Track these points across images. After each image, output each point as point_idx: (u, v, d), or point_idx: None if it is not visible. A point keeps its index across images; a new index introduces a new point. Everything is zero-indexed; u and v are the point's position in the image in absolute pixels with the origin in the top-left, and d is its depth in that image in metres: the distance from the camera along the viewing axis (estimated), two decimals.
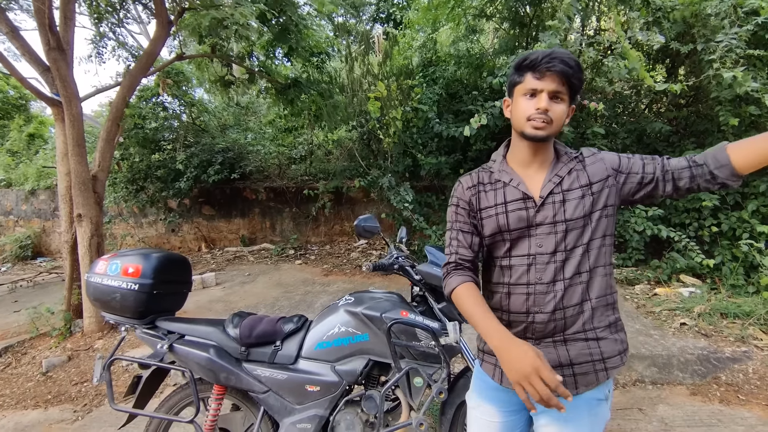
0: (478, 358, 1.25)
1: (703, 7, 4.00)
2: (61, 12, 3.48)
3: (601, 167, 1.10)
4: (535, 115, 1.03)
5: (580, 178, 1.09)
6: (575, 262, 1.07)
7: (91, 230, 3.66)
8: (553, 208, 1.08)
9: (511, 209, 1.11)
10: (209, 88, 8.76)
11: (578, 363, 1.07)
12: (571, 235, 1.07)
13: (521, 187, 1.11)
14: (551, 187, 1.09)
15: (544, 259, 1.07)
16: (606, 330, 1.08)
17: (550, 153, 1.14)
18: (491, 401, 1.19)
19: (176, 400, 1.89)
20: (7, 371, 3.37)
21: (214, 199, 7.89)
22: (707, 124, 4.85)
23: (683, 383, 2.75)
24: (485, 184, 1.18)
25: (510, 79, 1.11)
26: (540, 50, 1.04)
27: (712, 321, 3.32)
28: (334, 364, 1.77)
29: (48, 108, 12.63)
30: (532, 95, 1.05)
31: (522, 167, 1.15)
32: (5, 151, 10.51)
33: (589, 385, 1.07)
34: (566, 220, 1.07)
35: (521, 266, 1.10)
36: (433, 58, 6.11)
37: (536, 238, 1.09)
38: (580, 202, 1.07)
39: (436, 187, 6.21)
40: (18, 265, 8.34)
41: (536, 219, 1.09)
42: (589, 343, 1.07)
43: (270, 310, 4.30)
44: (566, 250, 1.07)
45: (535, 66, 1.03)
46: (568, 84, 1.03)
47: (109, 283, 1.81)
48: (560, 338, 1.08)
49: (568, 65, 1.01)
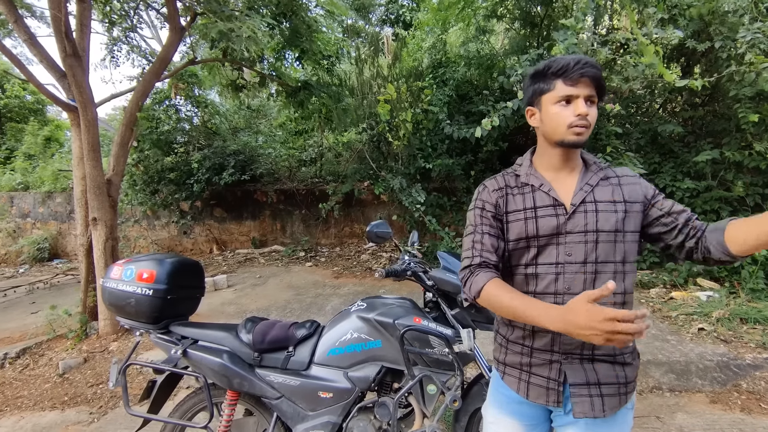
0: (498, 370, 1.21)
1: (721, 4, 3.90)
2: (77, 19, 3.54)
3: (637, 190, 1.08)
4: (576, 122, 1.02)
5: (614, 193, 1.08)
6: (608, 279, 1.03)
7: (105, 233, 3.71)
8: (584, 217, 1.05)
9: (540, 215, 1.08)
10: (221, 91, 8.87)
11: (606, 383, 1.04)
12: (602, 248, 1.04)
13: (552, 193, 1.08)
14: (583, 195, 1.07)
15: (573, 269, 1.05)
16: (630, 356, 1.07)
17: (578, 159, 1.13)
18: (513, 415, 1.15)
19: (190, 405, 1.90)
20: (25, 372, 3.43)
21: (226, 202, 7.96)
22: (725, 124, 4.74)
23: (702, 391, 2.68)
24: (512, 188, 1.15)
25: (534, 88, 1.09)
26: (565, 57, 1.03)
27: (731, 326, 3.24)
28: (347, 370, 1.76)
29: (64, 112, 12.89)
30: (568, 102, 1.03)
31: (551, 172, 1.13)
32: (22, 154, 10.75)
33: (614, 408, 1.04)
34: (597, 231, 1.04)
35: (549, 275, 1.06)
36: (443, 59, 6.08)
37: (565, 246, 1.06)
38: (612, 216, 1.05)
39: (447, 189, 6.18)
40: (35, 266, 8.52)
41: (566, 227, 1.06)
42: (615, 367, 1.05)
43: (281, 313, 4.32)
44: (597, 262, 1.04)
45: (567, 73, 1.02)
46: (598, 87, 1.03)
47: (124, 288, 1.82)
48: (588, 356, 1.05)
49: (597, 69, 1.01)
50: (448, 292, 1.78)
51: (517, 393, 1.13)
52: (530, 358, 1.11)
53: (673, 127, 4.64)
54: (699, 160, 4.37)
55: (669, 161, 4.91)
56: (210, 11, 3.50)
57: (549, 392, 1.07)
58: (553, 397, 1.07)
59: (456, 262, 1.84)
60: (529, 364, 1.11)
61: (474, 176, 6.01)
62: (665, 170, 4.79)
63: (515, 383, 1.14)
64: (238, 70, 5.72)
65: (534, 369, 1.10)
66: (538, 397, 1.09)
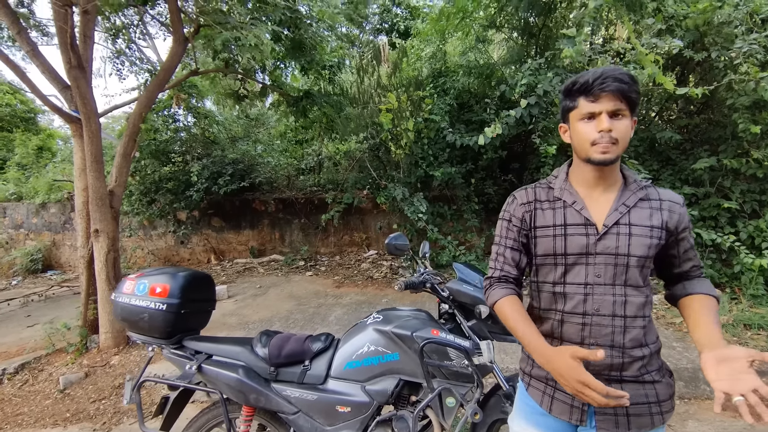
0: (524, 381, 1.21)
1: (718, 15, 3.99)
2: (80, 31, 3.53)
3: (675, 219, 1.06)
4: (599, 139, 0.99)
5: (653, 217, 1.05)
6: (639, 303, 1.03)
7: (107, 245, 3.67)
8: (616, 240, 1.03)
9: (570, 233, 1.07)
10: (218, 99, 8.86)
11: (633, 404, 1.02)
12: (632, 272, 1.03)
13: (584, 212, 1.06)
14: (617, 216, 1.04)
15: (601, 290, 1.04)
16: (658, 373, 1.06)
17: (616, 175, 1.09)
18: (539, 426, 1.15)
19: (203, 421, 1.87)
20: (24, 389, 3.36)
21: (224, 211, 7.92)
22: (720, 132, 4.83)
23: (711, 398, 2.69)
24: (542, 202, 1.13)
25: (562, 105, 1.09)
26: (588, 72, 1.01)
27: (735, 332, 3.27)
28: (364, 384, 1.74)
29: (56, 120, 12.64)
30: (590, 118, 1.01)
31: (586, 189, 1.10)
32: (15, 164, 10.62)
33: (642, 428, 1.03)
34: (629, 255, 1.02)
35: (577, 295, 1.06)
36: (443, 68, 6.14)
37: (594, 267, 1.04)
38: (646, 241, 1.02)
39: (447, 197, 6.20)
40: (28, 278, 8.37)
41: (596, 248, 1.04)
42: (645, 386, 1.04)
43: (284, 324, 4.28)
44: (626, 285, 1.03)
45: (587, 89, 1.00)
46: (626, 99, 0.99)
47: (138, 303, 1.80)
48: (617, 377, 1.04)
49: (621, 81, 0.97)
50: (465, 303, 1.78)
51: (540, 406, 1.13)
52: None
53: (671, 134, 4.71)
54: (697, 168, 4.44)
55: (667, 168, 4.98)
56: (215, 22, 3.51)
57: (573, 410, 1.07)
58: (577, 415, 1.07)
59: (472, 274, 1.84)
60: (555, 380, 1.09)
61: (474, 184, 6.04)
62: (664, 177, 4.85)
63: (539, 396, 1.14)
64: (240, 80, 5.72)
65: (559, 385, 1.09)
66: (562, 413, 1.09)
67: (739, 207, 4.29)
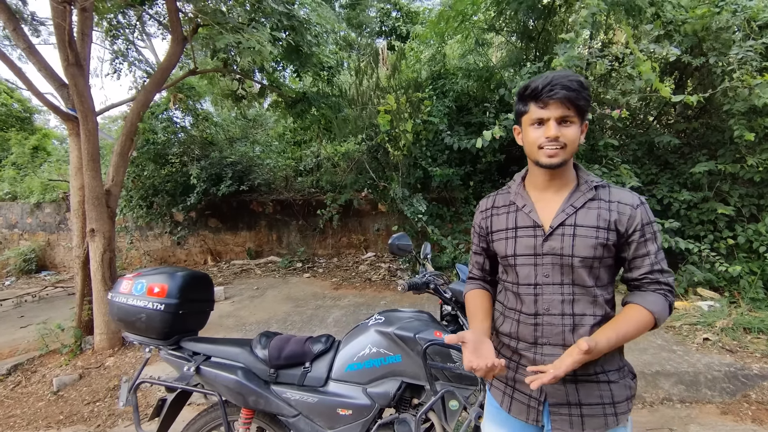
0: (486, 381, 1.26)
1: (716, 21, 4.02)
2: (78, 29, 3.49)
3: (624, 220, 1.05)
4: (546, 143, 1.02)
5: (600, 217, 1.05)
6: (586, 301, 1.05)
7: (103, 245, 3.62)
8: (561, 240, 1.05)
9: (520, 235, 1.11)
10: (216, 100, 8.82)
11: (587, 404, 1.04)
12: (578, 272, 1.04)
13: (532, 215, 1.10)
14: (563, 218, 1.06)
15: (550, 290, 1.06)
16: (616, 374, 1.06)
17: (568, 177, 1.11)
18: (504, 427, 1.17)
19: (201, 423, 1.84)
20: (17, 390, 3.30)
21: (221, 212, 7.87)
22: (718, 136, 4.85)
23: (712, 402, 2.68)
24: (499, 207, 1.19)
25: (516, 109, 1.11)
26: (540, 77, 1.03)
27: (735, 336, 3.26)
28: (366, 386, 1.72)
29: (52, 120, 12.55)
30: (540, 123, 1.04)
31: (538, 191, 1.13)
32: (10, 164, 10.52)
33: (596, 429, 1.03)
34: (573, 255, 1.04)
35: (529, 295, 1.09)
36: (442, 71, 6.14)
37: (542, 267, 1.07)
38: (590, 241, 1.03)
39: (446, 199, 6.18)
40: (22, 278, 8.28)
41: (543, 248, 1.07)
42: (600, 386, 1.04)
43: (282, 326, 4.24)
44: (573, 285, 1.05)
45: (536, 95, 1.02)
46: (574, 106, 1.01)
47: (135, 303, 1.77)
48: (571, 377, 1.03)
49: (569, 89, 0.99)
50: None
51: (501, 406, 1.17)
52: (515, 373, 1.14)
53: (669, 138, 4.73)
54: (695, 172, 4.45)
55: (666, 172, 4.99)
56: (214, 22, 3.49)
57: (529, 410, 1.10)
58: (533, 415, 1.09)
59: None
60: (514, 379, 1.14)
61: (473, 187, 6.04)
62: (662, 181, 4.87)
63: (500, 396, 1.18)
64: (239, 80, 5.70)
65: (518, 385, 1.13)
66: (519, 413, 1.12)
67: (735, 212, 4.30)
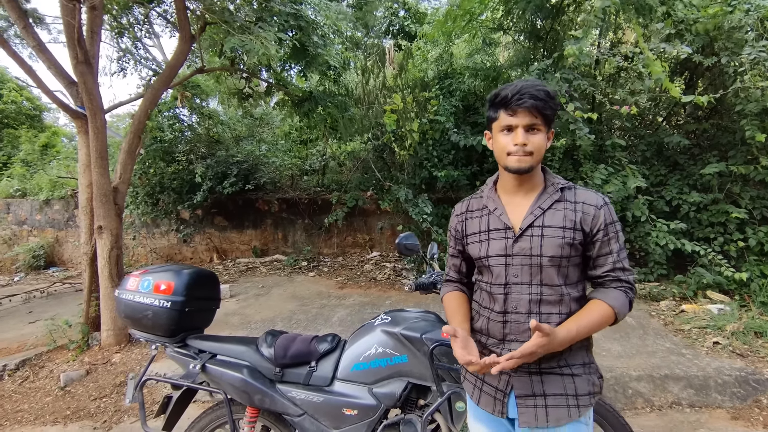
0: (462, 375, 1.29)
1: (728, 20, 3.96)
2: (87, 27, 3.52)
3: (588, 220, 1.10)
4: (514, 150, 1.07)
5: (566, 218, 1.10)
6: (553, 300, 1.09)
7: (111, 242, 3.64)
8: (530, 241, 1.09)
9: (492, 237, 1.15)
10: (223, 99, 8.84)
11: (551, 395, 1.08)
12: (547, 272, 1.09)
13: (503, 218, 1.15)
14: (531, 219, 1.11)
15: (518, 290, 1.11)
16: (580, 368, 1.11)
17: (536, 181, 1.16)
18: (481, 421, 1.21)
19: (207, 421, 1.84)
20: (25, 385, 3.33)
21: (227, 210, 7.90)
22: (729, 137, 4.78)
23: (722, 406, 2.64)
24: (473, 211, 1.24)
25: (487, 115, 1.15)
26: (509, 86, 1.06)
27: (746, 340, 3.21)
28: (372, 386, 1.71)
29: (61, 117, 12.70)
30: (509, 130, 1.08)
31: (508, 195, 1.18)
32: (20, 161, 10.65)
33: (560, 420, 1.06)
34: (541, 255, 1.08)
35: (500, 294, 1.13)
36: (449, 70, 6.12)
37: (512, 267, 1.11)
38: (557, 241, 1.08)
39: (451, 199, 6.16)
40: (31, 274, 8.37)
41: (513, 249, 1.11)
42: (564, 378, 1.09)
43: (287, 324, 4.24)
44: (541, 284, 1.09)
45: (506, 103, 1.06)
46: (541, 115, 1.05)
47: (141, 300, 1.77)
48: (536, 369, 1.09)
49: (537, 98, 1.03)
50: None
51: (471, 398, 1.22)
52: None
53: (679, 139, 4.67)
54: (705, 173, 4.39)
55: (675, 173, 4.93)
56: (222, 21, 3.49)
57: (496, 402, 1.15)
58: (499, 407, 1.14)
59: None
60: (484, 374, 1.17)
61: (479, 187, 6.01)
62: (671, 182, 4.81)
63: (471, 389, 1.23)
64: (246, 79, 5.71)
65: (487, 378, 1.18)
66: (487, 405, 1.17)
67: (747, 215, 4.23)
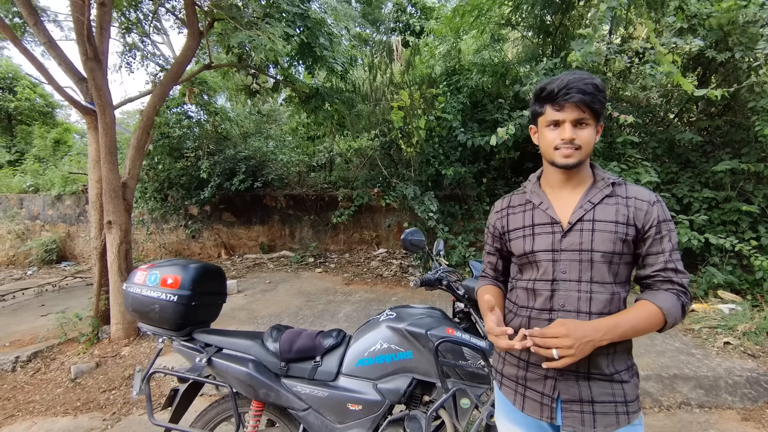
0: (496, 380, 1.24)
1: (742, 14, 3.87)
2: (96, 23, 3.55)
3: (640, 216, 1.06)
4: (561, 145, 1.04)
5: (618, 213, 1.06)
6: (604, 299, 1.04)
7: (120, 237, 3.69)
8: (580, 236, 1.06)
9: (537, 232, 1.12)
10: (231, 96, 8.89)
11: (599, 402, 1.03)
12: (598, 268, 1.04)
13: (549, 211, 1.11)
14: (581, 213, 1.07)
15: (567, 287, 1.06)
16: (627, 373, 1.06)
17: (584, 176, 1.12)
18: (520, 424, 1.16)
19: (212, 415, 1.85)
20: (36, 377, 3.39)
21: (235, 206, 7.95)
22: (743, 134, 4.69)
23: (733, 407, 2.60)
24: (515, 207, 1.20)
25: (531, 109, 1.12)
26: (556, 79, 1.03)
27: (758, 340, 3.16)
28: (376, 382, 1.71)
29: (73, 114, 12.83)
30: (556, 125, 1.05)
31: (554, 190, 1.14)
32: (33, 156, 10.81)
33: (609, 427, 1.02)
34: (592, 250, 1.04)
35: (545, 291, 1.09)
36: (457, 66, 6.07)
37: (560, 263, 1.07)
38: (611, 236, 1.04)
39: (458, 197, 6.13)
40: (43, 268, 8.51)
41: (562, 245, 1.07)
42: (614, 385, 1.04)
43: (293, 320, 4.26)
44: (592, 282, 1.05)
45: (552, 98, 1.03)
46: (589, 109, 1.01)
47: (148, 293, 1.79)
48: (584, 373, 1.05)
49: (584, 92, 0.99)
50: None
51: (513, 404, 1.16)
52: (526, 372, 1.13)
53: (691, 136, 4.59)
54: (717, 170, 4.31)
55: (686, 171, 4.85)
56: (230, 17, 3.50)
57: (543, 407, 1.09)
58: (547, 412, 1.09)
59: None
60: (525, 378, 1.13)
61: (486, 184, 5.97)
62: (683, 180, 4.73)
63: (511, 395, 1.17)
64: (253, 75, 5.72)
65: (529, 383, 1.12)
66: (533, 411, 1.11)
67: (760, 211, 4.15)
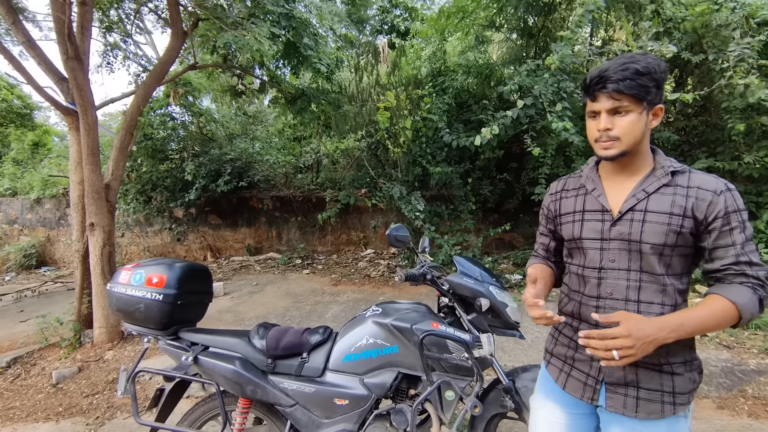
0: (545, 359, 1.26)
1: (715, 18, 4.02)
2: (78, 22, 3.49)
3: (702, 207, 0.97)
4: (599, 136, 1.02)
5: (674, 204, 1.00)
6: (654, 289, 1.02)
7: (103, 239, 3.63)
8: (629, 226, 1.03)
9: (587, 218, 1.11)
10: (216, 97, 8.80)
11: (645, 388, 1.02)
12: (648, 259, 1.01)
13: (601, 199, 1.09)
14: (633, 203, 1.03)
15: (615, 275, 1.05)
16: (681, 366, 1.02)
17: (642, 163, 1.06)
18: (557, 402, 1.18)
19: (199, 413, 1.85)
20: (16, 383, 3.31)
21: (221, 208, 7.88)
22: (718, 134, 4.85)
23: (709, 396, 2.69)
24: (569, 190, 1.20)
25: (582, 101, 1.10)
26: (596, 69, 1.00)
27: (732, 332, 3.27)
28: (363, 377, 1.73)
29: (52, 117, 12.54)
30: (595, 116, 1.04)
31: (610, 176, 1.11)
32: (10, 160, 10.54)
33: (651, 414, 1.00)
34: (641, 242, 1.01)
35: (593, 278, 1.09)
36: (442, 67, 6.14)
37: (609, 252, 1.06)
38: (662, 228, 0.99)
39: (444, 197, 6.19)
40: (22, 274, 8.30)
41: (611, 233, 1.05)
42: (663, 376, 1.02)
43: (281, 321, 4.25)
44: (641, 271, 1.02)
45: (587, 89, 1.02)
46: (626, 95, 0.96)
47: (133, 293, 1.78)
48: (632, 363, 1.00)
49: (619, 80, 0.95)
50: (465, 296, 1.76)
51: (556, 382, 1.18)
52: (575, 352, 1.14)
53: (669, 135, 4.73)
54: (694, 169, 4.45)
55: None
56: (214, 17, 3.49)
57: (586, 388, 1.10)
58: (589, 393, 1.10)
59: (473, 268, 1.82)
60: (573, 358, 1.15)
61: (471, 184, 6.04)
62: None
63: (556, 373, 1.19)
64: (239, 76, 5.69)
65: (576, 363, 1.14)
66: (575, 390, 1.12)
67: None
